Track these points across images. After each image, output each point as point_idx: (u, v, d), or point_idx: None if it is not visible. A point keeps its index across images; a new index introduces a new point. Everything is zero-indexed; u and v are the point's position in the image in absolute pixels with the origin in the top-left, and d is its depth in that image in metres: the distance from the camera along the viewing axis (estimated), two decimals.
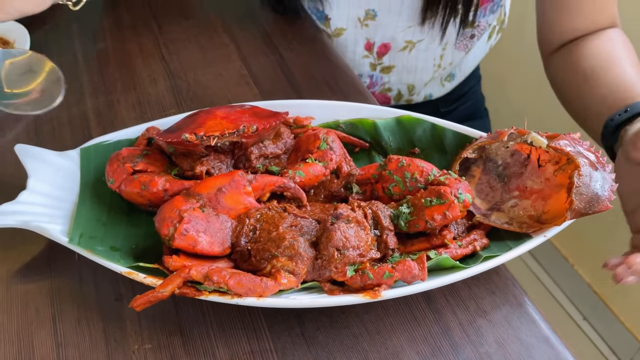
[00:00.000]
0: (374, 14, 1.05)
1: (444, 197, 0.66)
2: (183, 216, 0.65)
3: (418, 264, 0.63)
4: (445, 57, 1.13)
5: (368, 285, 0.63)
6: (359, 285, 0.63)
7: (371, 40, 1.10)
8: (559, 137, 0.71)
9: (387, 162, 0.73)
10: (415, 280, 0.62)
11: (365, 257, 0.65)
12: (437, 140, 0.81)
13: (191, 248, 0.64)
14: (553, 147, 0.70)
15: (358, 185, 0.75)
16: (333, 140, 0.77)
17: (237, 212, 0.69)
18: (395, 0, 1.01)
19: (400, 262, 0.63)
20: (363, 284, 0.63)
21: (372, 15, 1.06)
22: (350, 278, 0.63)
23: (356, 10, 1.05)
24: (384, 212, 0.68)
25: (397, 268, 0.62)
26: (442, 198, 0.66)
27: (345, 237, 0.64)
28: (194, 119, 0.76)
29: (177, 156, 0.76)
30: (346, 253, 0.64)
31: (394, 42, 1.10)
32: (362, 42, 1.10)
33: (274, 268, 0.63)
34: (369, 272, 0.63)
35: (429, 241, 0.68)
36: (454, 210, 0.66)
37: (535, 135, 0.72)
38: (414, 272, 0.62)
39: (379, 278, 0.62)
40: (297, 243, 0.64)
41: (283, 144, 0.79)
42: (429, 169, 0.72)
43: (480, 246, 0.68)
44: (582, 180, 0.67)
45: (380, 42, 1.10)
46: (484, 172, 0.76)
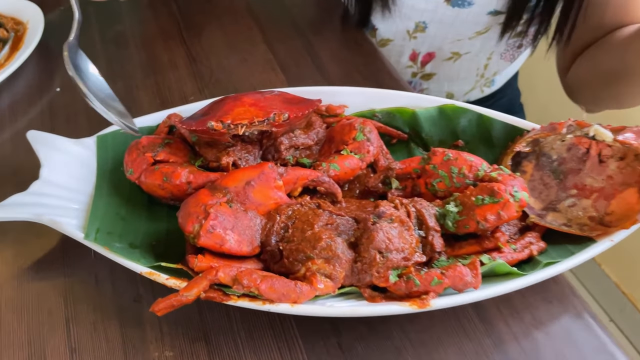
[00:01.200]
0: (425, 26, 1.01)
1: (498, 195, 0.59)
2: (209, 212, 0.59)
3: (471, 269, 0.56)
4: (489, 67, 1.09)
5: (413, 293, 0.56)
6: (403, 292, 0.56)
7: (417, 50, 1.06)
8: (625, 130, 0.64)
9: (430, 155, 0.66)
10: (468, 288, 0.55)
11: (410, 261, 0.58)
12: (484, 132, 0.74)
13: (218, 247, 0.58)
14: (620, 141, 0.63)
15: (398, 180, 0.68)
16: (370, 131, 0.71)
17: (266, 208, 0.63)
18: (448, 13, 0.96)
19: (451, 268, 0.56)
20: (408, 291, 0.56)
21: (422, 28, 1.01)
22: (394, 284, 0.56)
23: (406, 23, 1.01)
24: (428, 211, 0.62)
25: (448, 274, 0.56)
26: (495, 196, 0.59)
27: (388, 238, 0.57)
28: (220, 105, 0.70)
29: (201, 146, 0.70)
30: (389, 256, 0.57)
31: (440, 52, 1.05)
32: (407, 53, 1.06)
33: (309, 271, 0.57)
34: (415, 278, 0.56)
35: (479, 244, 0.61)
36: (509, 210, 0.59)
37: (598, 127, 0.64)
38: (466, 279, 0.55)
39: (427, 285, 0.56)
40: (334, 244, 0.57)
41: (315, 134, 0.73)
42: (478, 163, 0.64)
43: (537, 250, 0.61)
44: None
45: (426, 52, 1.06)
46: (536, 168, 0.69)
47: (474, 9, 0.94)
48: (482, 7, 0.94)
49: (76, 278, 0.65)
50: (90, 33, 0.96)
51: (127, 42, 0.95)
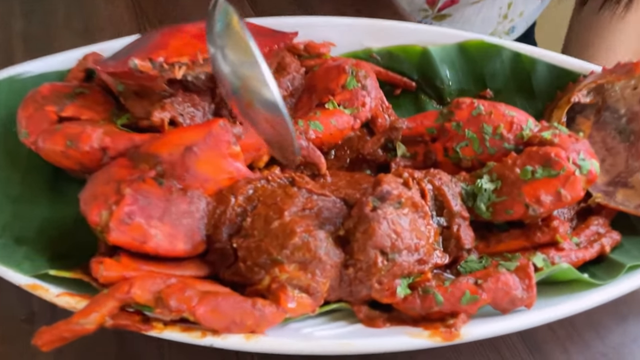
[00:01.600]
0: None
1: (557, 166, 0.41)
2: (125, 193, 0.39)
3: (521, 278, 0.37)
4: (514, 5, 0.90)
5: (433, 315, 0.37)
6: (417, 312, 0.38)
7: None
8: None
9: (453, 108, 0.49)
10: (517, 307, 0.37)
11: (427, 265, 0.39)
12: (522, 78, 0.57)
13: (138, 245, 0.40)
14: None
15: (405, 145, 0.51)
16: (366, 76, 0.54)
17: (216, 186, 0.45)
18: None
19: (491, 276, 0.37)
20: (425, 311, 0.38)
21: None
22: (404, 301, 0.38)
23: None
24: (452, 189, 0.44)
25: (486, 286, 0.37)
26: (553, 167, 0.41)
27: (395, 231, 0.39)
28: (152, 38, 0.49)
29: (128, 97, 0.52)
30: (397, 259, 0.39)
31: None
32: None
33: (275, 282, 0.38)
34: (436, 292, 0.37)
35: (527, 237, 0.43)
36: (574, 188, 0.41)
37: None
38: (514, 294, 0.37)
39: (454, 302, 0.38)
40: (314, 240, 0.39)
41: (289, 82, 0.56)
42: (522, 119, 0.46)
43: (610, 245, 0.43)
44: None
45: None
46: (597, 127, 0.52)
47: None
48: None
49: None
50: None
51: None
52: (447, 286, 0.38)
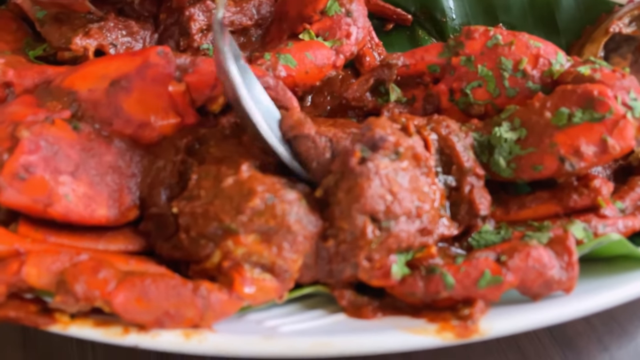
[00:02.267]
0: None
1: (603, 107, 0.33)
2: (21, 136, 0.29)
3: (557, 252, 0.29)
4: None
5: (442, 302, 0.29)
6: (419, 298, 0.29)
7: None
8: None
9: (462, 38, 0.42)
10: (554, 292, 0.28)
11: (432, 236, 0.31)
12: (543, 9, 0.51)
13: (41, 209, 0.31)
14: None
15: (400, 87, 0.42)
16: (350, 1, 0.42)
17: (154, 133, 0.36)
18: None
19: (517, 249, 0.29)
20: (432, 297, 0.28)
21: None
22: (402, 283, 0.30)
23: None
24: (462, 140, 0.36)
25: (512, 264, 0.29)
26: (597, 108, 0.34)
27: (390, 190, 0.30)
28: None
29: (46, 23, 0.41)
30: (392, 227, 0.29)
31: None
32: None
33: (228, 259, 0.30)
34: (445, 272, 0.28)
35: (560, 200, 0.35)
36: (624, 135, 0.34)
37: None
38: (550, 274, 0.29)
39: (469, 286, 0.30)
40: (281, 203, 0.30)
41: (254, 7, 0.48)
42: (550, 51, 0.40)
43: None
44: None
45: None
46: (635, 67, 0.44)
47: None
48: None
49: None
50: None
51: None
52: (459, 264, 0.29)
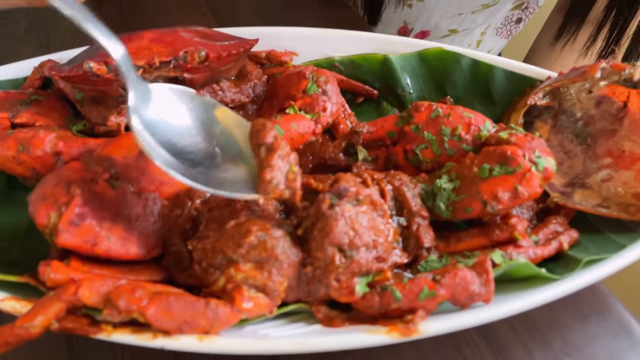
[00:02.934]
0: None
1: (514, 163, 0.41)
2: (75, 193, 0.38)
3: (478, 273, 0.37)
4: (483, 42, 0.93)
5: (392, 312, 0.37)
6: (376, 310, 0.37)
7: (409, 25, 0.89)
8: None
9: (412, 111, 0.48)
10: (475, 302, 0.36)
11: (386, 263, 0.39)
12: (482, 85, 0.57)
13: (89, 248, 0.38)
14: None
15: (366, 149, 0.50)
16: (327, 82, 0.52)
17: (172, 190, 0.43)
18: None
19: (449, 272, 0.37)
20: (384, 308, 0.37)
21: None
22: (363, 299, 0.37)
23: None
24: (411, 189, 0.43)
25: (444, 282, 0.36)
26: (509, 164, 0.41)
27: (353, 228, 0.38)
28: None
29: (85, 104, 0.50)
30: (354, 256, 0.38)
31: (436, 30, 0.89)
32: (397, 24, 0.89)
33: (230, 282, 0.37)
34: (395, 289, 0.37)
35: (486, 235, 0.42)
36: (530, 184, 0.40)
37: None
38: (472, 289, 0.36)
39: (412, 298, 0.36)
40: (270, 239, 0.37)
41: (251, 88, 0.55)
42: (479, 120, 0.46)
43: (568, 242, 0.43)
44: None
45: (420, 30, 0.89)
46: (554, 130, 0.51)
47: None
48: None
49: None
50: None
51: None
52: (405, 283, 0.37)
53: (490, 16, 0.86)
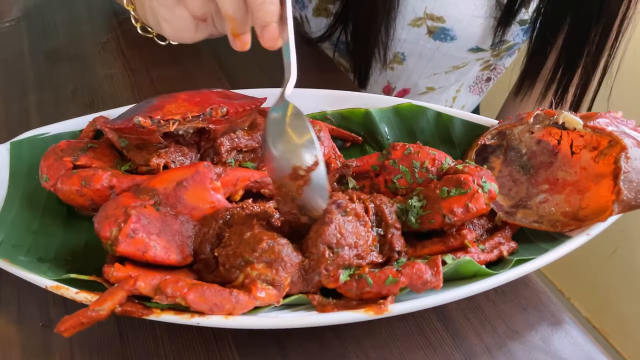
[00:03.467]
0: (403, 57, 0.97)
1: (465, 186, 0.53)
2: (130, 214, 0.50)
3: (431, 267, 0.48)
4: (458, 99, 1.06)
5: (366, 294, 0.48)
6: (354, 294, 0.48)
7: (392, 84, 1.02)
8: (596, 116, 0.59)
9: (390, 150, 0.61)
10: (428, 288, 0.48)
11: (365, 260, 0.51)
12: (444, 131, 0.69)
13: (140, 255, 0.49)
14: (591, 127, 0.58)
15: (355, 179, 0.62)
16: (320, 130, 0.65)
17: (202, 213, 0.55)
18: (429, 46, 0.92)
19: (408, 265, 0.48)
20: (360, 292, 0.48)
21: (400, 59, 0.97)
22: (345, 284, 0.49)
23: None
24: (389, 207, 0.55)
25: (404, 272, 0.48)
26: (462, 187, 0.53)
27: (340, 232, 0.50)
28: (150, 102, 0.62)
29: (130, 150, 0.62)
30: (340, 252, 0.49)
31: (415, 88, 1.02)
32: (381, 84, 1.02)
33: (248, 278, 0.48)
34: (368, 277, 0.48)
35: (444, 243, 0.54)
36: (478, 202, 0.52)
37: (567, 114, 0.59)
38: (425, 277, 0.48)
39: (381, 285, 0.48)
40: (277, 245, 0.49)
41: (260, 136, 0.65)
42: (442, 156, 0.59)
43: (507, 251, 0.54)
44: (631, 164, 0.54)
45: (401, 88, 1.03)
46: (505, 163, 0.63)
47: (456, 44, 0.91)
48: (464, 42, 0.90)
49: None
50: (20, 46, 0.88)
51: (60, 56, 0.87)
52: (376, 273, 0.49)
53: (462, 76, 1.00)
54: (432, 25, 0.90)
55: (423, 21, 0.90)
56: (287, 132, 0.51)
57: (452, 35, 0.89)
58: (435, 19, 0.89)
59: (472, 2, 0.86)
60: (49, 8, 0.97)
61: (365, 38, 0.89)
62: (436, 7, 0.87)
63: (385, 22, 0.86)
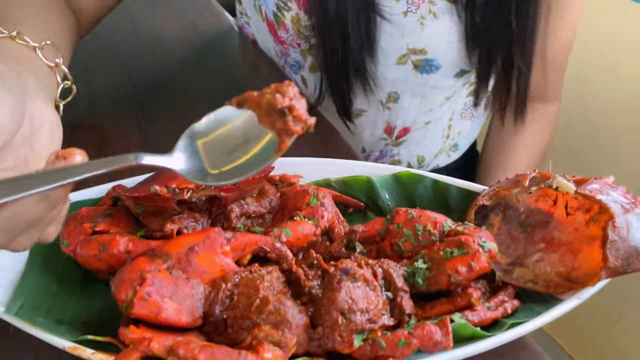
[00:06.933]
0: (397, 96, 1.00)
1: (467, 247, 0.53)
2: (145, 277, 0.49)
3: (440, 328, 0.47)
4: (453, 127, 1.08)
5: (380, 358, 0.46)
6: (369, 357, 0.47)
7: (392, 124, 1.04)
8: (588, 182, 0.59)
9: (394, 215, 0.60)
10: (439, 349, 0.46)
11: (377, 324, 0.49)
12: (441, 198, 0.69)
13: (154, 317, 0.48)
14: (582, 194, 0.58)
15: (362, 244, 0.61)
16: (324, 196, 0.64)
17: (212, 276, 0.54)
18: (418, 81, 0.95)
19: (419, 327, 0.47)
20: (374, 355, 0.47)
21: (394, 98, 1.00)
22: (359, 349, 0.47)
23: (379, 93, 0.99)
24: (396, 271, 0.54)
25: (416, 334, 0.47)
26: (464, 247, 0.53)
27: (351, 298, 0.49)
28: (165, 172, 0.62)
29: (146, 216, 0.62)
30: (352, 318, 0.48)
31: (415, 125, 1.04)
32: (382, 125, 1.04)
33: (255, 339, 0.47)
34: (381, 340, 0.47)
35: (451, 302, 0.53)
36: (479, 261, 0.52)
37: (560, 179, 0.59)
38: (436, 338, 0.46)
39: (394, 347, 0.46)
40: (283, 307, 0.48)
41: (268, 203, 0.66)
42: (442, 219, 0.58)
43: (511, 308, 0.54)
44: (617, 233, 0.54)
45: (402, 127, 1.05)
46: (504, 221, 0.63)
47: (442, 72, 0.93)
48: (449, 69, 0.93)
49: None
50: None
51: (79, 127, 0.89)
52: (389, 336, 0.47)
53: (452, 105, 1.02)
54: (416, 59, 0.93)
55: (407, 57, 0.92)
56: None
57: (436, 65, 0.92)
58: (418, 52, 0.92)
59: (445, 29, 0.88)
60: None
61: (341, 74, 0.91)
62: (416, 41, 0.90)
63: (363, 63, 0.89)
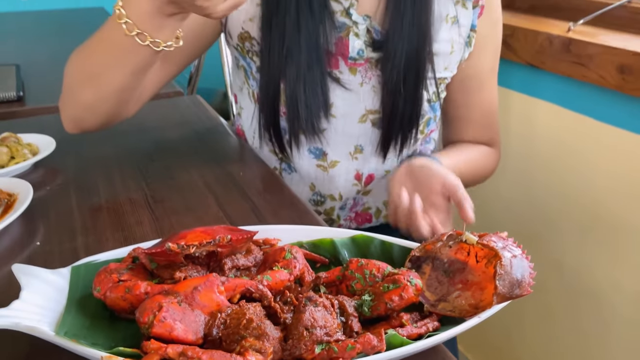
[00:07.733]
0: (362, 148, 1.26)
1: (399, 282, 0.71)
2: (162, 306, 0.67)
3: (377, 336, 0.65)
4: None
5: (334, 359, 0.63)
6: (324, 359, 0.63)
7: (360, 171, 1.29)
8: (488, 235, 0.79)
9: (348, 264, 0.79)
10: (375, 351, 0.63)
11: (332, 338, 0.66)
12: (387, 254, 0.88)
13: (168, 334, 0.65)
14: (481, 244, 0.78)
15: (325, 287, 0.79)
16: (297, 252, 0.83)
17: (210, 309, 0.71)
18: (374, 139, 1.23)
19: (362, 336, 0.65)
20: (329, 357, 0.63)
21: (360, 149, 1.26)
22: (318, 354, 0.64)
23: (348, 146, 1.26)
24: (349, 303, 0.72)
25: (359, 341, 0.64)
26: (397, 282, 0.71)
27: (313, 317, 0.66)
28: (176, 234, 0.81)
29: (159, 269, 0.80)
30: (314, 332, 0.65)
31: (377, 172, 1.30)
32: (352, 173, 1.29)
33: (242, 348, 0.64)
34: (334, 347, 0.64)
35: (389, 323, 0.70)
36: (408, 292, 0.70)
37: (468, 234, 0.79)
38: (373, 343, 0.64)
39: (343, 351, 0.63)
40: (263, 324, 0.66)
41: (253, 258, 0.84)
42: (384, 266, 0.77)
43: (432, 327, 0.71)
44: (504, 268, 0.73)
45: (367, 174, 1.30)
46: (433, 269, 0.81)
47: None
48: None
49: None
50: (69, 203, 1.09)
51: (101, 210, 1.08)
52: (340, 343, 0.65)
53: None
54: (373, 118, 1.19)
55: (366, 117, 1.20)
56: None
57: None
58: (374, 112, 1.18)
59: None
60: (92, 172, 1.21)
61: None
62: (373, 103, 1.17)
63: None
